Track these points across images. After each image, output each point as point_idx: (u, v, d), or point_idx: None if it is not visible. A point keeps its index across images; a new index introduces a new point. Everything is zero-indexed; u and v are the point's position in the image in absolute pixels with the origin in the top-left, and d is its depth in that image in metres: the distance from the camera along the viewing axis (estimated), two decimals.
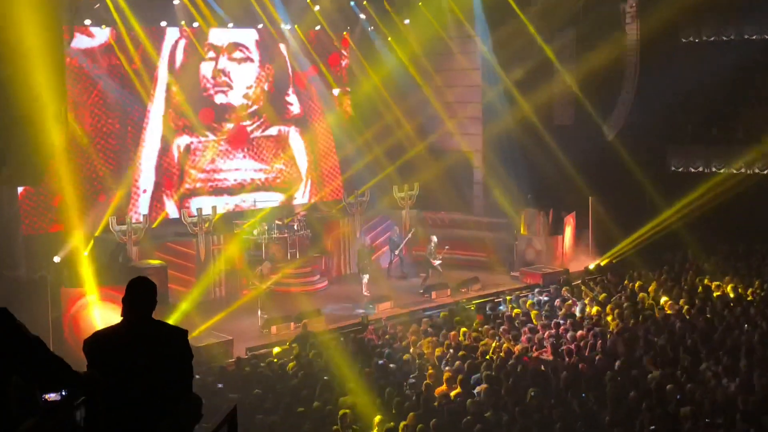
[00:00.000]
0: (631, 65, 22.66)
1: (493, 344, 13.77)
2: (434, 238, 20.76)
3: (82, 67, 19.19)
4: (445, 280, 20.13)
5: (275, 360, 13.99)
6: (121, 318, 4.36)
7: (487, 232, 22.51)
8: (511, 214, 22.32)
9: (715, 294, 16.30)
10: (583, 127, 22.22)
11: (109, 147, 19.82)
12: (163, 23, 20.20)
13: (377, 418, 10.35)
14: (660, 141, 23.21)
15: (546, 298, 17.17)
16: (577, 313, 15.57)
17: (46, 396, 3.98)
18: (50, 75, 13.69)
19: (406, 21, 23.21)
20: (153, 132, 20.47)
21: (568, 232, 22.15)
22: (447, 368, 12.54)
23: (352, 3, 22.99)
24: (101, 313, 15.03)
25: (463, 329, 14.64)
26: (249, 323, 17.56)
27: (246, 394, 11.83)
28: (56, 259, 17.33)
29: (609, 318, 15.01)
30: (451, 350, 13.47)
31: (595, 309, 15.58)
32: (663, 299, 16.06)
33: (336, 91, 23.77)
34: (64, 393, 4.02)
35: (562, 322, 14.74)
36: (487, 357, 13.16)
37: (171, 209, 20.80)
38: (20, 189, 16.90)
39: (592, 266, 20.41)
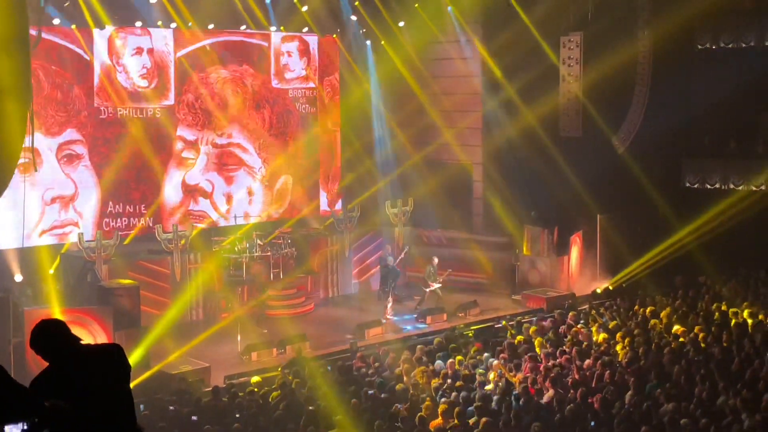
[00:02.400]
0: (643, 73, 22.77)
1: (493, 374, 13.75)
2: (435, 259, 20.75)
3: (49, 68, 19.16)
4: (442, 304, 20.11)
5: (256, 389, 13.94)
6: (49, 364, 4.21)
7: (486, 251, 22.52)
8: (513, 232, 22.35)
9: (732, 321, 16.31)
10: (591, 139, 22.28)
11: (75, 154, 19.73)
12: (139, 23, 20.22)
13: None
14: (674, 155, 23.30)
15: (550, 324, 17.17)
16: (584, 341, 15.56)
17: (6, 427, 3.94)
18: (15, 77, 13.67)
19: (401, 23, 23.28)
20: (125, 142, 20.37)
21: (575, 252, 22.19)
22: (443, 399, 12.51)
23: (342, 3, 23.04)
24: None
25: (460, 357, 14.62)
26: (228, 349, 17.51)
27: (224, 427, 11.77)
28: (18, 277, 17.25)
29: (618, 347, 15.02)
30: (448, 380, 13.45)
31: (603, 336, 15.58)
32: (676, 326, 16.08)
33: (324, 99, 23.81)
34: (25, 425, 3.98)
35: (567, 350, 14.74)
36: (487, 388, 13.13)
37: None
38: None
39: (600, 290, 20.41)
